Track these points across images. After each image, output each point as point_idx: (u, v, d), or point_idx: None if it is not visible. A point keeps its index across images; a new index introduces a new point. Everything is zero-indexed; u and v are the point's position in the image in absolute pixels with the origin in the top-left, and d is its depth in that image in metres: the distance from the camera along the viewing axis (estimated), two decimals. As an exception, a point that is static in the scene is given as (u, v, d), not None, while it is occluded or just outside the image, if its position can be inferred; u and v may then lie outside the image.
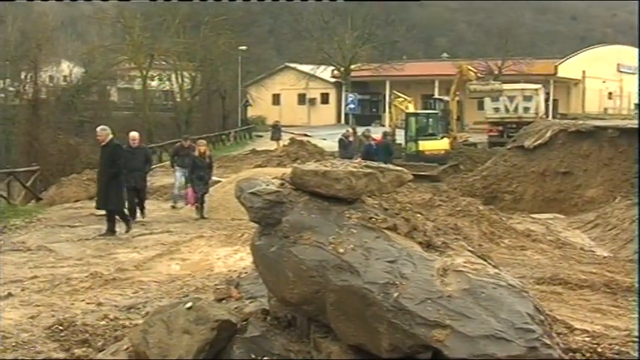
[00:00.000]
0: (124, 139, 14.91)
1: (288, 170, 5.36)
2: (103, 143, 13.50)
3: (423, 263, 4.37)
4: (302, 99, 66.16)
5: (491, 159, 27.31)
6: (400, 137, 31.91)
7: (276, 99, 66.72)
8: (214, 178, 18.50)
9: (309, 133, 49.39)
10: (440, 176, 27.90)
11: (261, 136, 51.44)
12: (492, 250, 11.77)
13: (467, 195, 20.04)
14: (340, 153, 23.97)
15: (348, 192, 4.84)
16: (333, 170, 4.91)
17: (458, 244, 4.92)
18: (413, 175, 5.82)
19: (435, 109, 36.19)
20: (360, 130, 32.03)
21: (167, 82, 58.27)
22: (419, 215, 5.08)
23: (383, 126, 53.34)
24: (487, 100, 39.71)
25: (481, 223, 13.94)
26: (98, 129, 13.85)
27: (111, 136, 13.58)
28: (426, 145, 30.22)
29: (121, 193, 13.37)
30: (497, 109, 39.30)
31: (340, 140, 25.29)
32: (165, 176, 26.66)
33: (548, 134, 24.25)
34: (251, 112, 62.22)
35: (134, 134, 16.22)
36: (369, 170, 4.97)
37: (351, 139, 25.16)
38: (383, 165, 5.24)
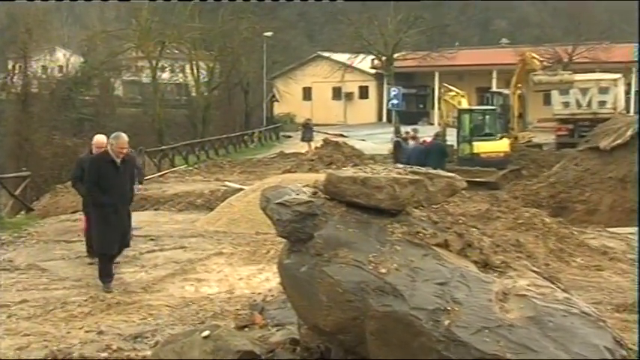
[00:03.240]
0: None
1: (321, 177, 5.38)
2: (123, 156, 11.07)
3: (480, 286, 4.35)
4: (337, 93, 66.18)
5: (560, 163, 27.00)
6: (451, 138, 31.74)
7: (307, 93, 66.85)
8: (233, 184, 18.60)
9: (345, 133, 49.39)
10: (499, 183, 27.65)
11: (289, 137, 51.54)
12: (562, 271, 11.67)
13: (531, 205, 19.86)
14: (396, 157, 24.14)
15: (391, 202, 4.84)
16: (373, 177, 4.91)
17: (520, 263, 4.89)
18: (467, 182, 5.80)
19: (492, 104, 35.96)
20: (405, 129, 31.97)
21: (180, 75, 58.84)
22: (474, 229, 5.06)
23: (431, 124, 53.17)
24: (555, 94, 39.34)
25: (548, 239, 13.81)
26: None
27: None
28: (482, 147, 29.99)
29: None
30: (566, 104, 38.95)
31: (397, 142, 25.55)
32: (180, 183, 26.92)
33: (629, 133, 23.89)
34: (278, 109, 62.48)
35: (98, 139, 12.32)
36: (416, 177, 4.97)
37: (411, 142, 25.44)
38: (432, 171, 5.24)
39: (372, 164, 6.20)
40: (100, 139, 12.18)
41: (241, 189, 19.94)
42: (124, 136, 10.81)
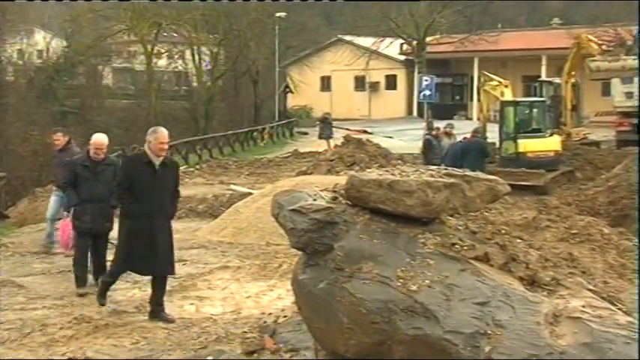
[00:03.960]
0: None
1: (342, 180, 5.40)
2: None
3: (526, 306, 4.35)
4: (360, 83, 66.24)
5: (622, 163, 26.83)
6: (493, 134, 31.64)
7: (325, 83, 66.96)
8: (240, 188, 18.62)
9: (369, 130, 49.36)
10: (548, 187, 27.54)
11: (305, 134, 51.59)
12: (623, 290, 11.60)
13: (586, 213, 19.77)
14: (426, 157, 24.10)
15: (422, 209, 4.85)
16: (402, 180, 4.93)
17: (574, 280, 4.89)
18: (510, 185, 5.81)
19: (541, 95, 35.84)
20: (438, 124, 31.90)
21: (179, 62, 59.02)
22: (519, 241, 5.07)
23: (469, 119, 53.07)
24: (616, 83, 39.09)
25: (607, 252, 13.77)
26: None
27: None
28: (529, 145, 29.84)
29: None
30: (629, 95, 38.65)
31: (427, 140, 25.56)
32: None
33: None
34: (292, 102, 62.56)
35: (98, 139, 12.07)
36: (452, 180, 4.98)
37: (445, 139, 25.37)
38: (470, 173, 5.24)
39: (401, 165, 6.22)
40: (100, 139, 11.89)
41: (250, 193, 19.98)
42: (164, 131, 10.23)
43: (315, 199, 5.12)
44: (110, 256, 11.15)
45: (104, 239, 11.88)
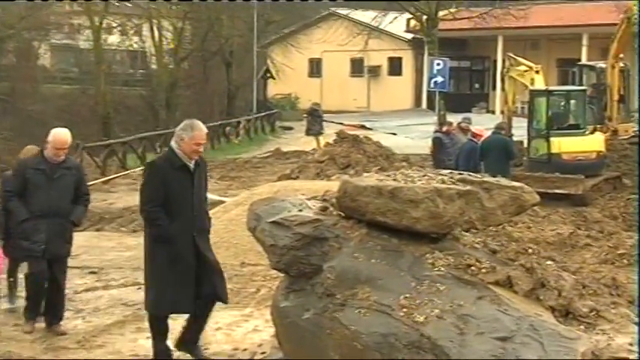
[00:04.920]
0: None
1: (334, 186, 5.42)
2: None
3: (557, 343, 4.37)
4: (358, 67, 66.30)
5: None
6: (520, 131, 31.67)
7: (315, 67, 67.01)
8: (209, 195, 18.50)
9: (368, 124, 49.42)
10: (588, 196, 27.52)
11: (289, 129, 51.68)
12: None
13: (635, 228, 19.87)
14: (436, 158, 24.04)
15: (431, 223, 4.87)
16: (407, 187, 4.95)
17: (618, 312, 4.92)
18: (541, 194, 5.84)
19: (581, 83, 35.85)
20: (453, 119, 31.89)
21: (135, 39, 58.88)
22: (550, 262, 5.10)
23: (491, 112, 53.12)
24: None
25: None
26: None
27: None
28: (565, 145, 29.82)
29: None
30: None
31: (437, 139, 25.51)
32: (133, 192, 26.94)
33: None
34: (274, 89, 62.53)
35: (60, 136, 11.53)
36: (467, 187, 5.00)
37: (460, 136, 25.27)
38: (489, 179, 5.27)
39: (406, 168, 6.24)
40: (62, 136, 11.25)
41: (221, 202, 19.99)
42: (203, 128, 9.66)
43: (300, 210, 5.14)
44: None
45: (62, 265, 11.38)
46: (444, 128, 26.72)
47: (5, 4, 51.88)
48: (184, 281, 9.18)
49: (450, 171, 5.76)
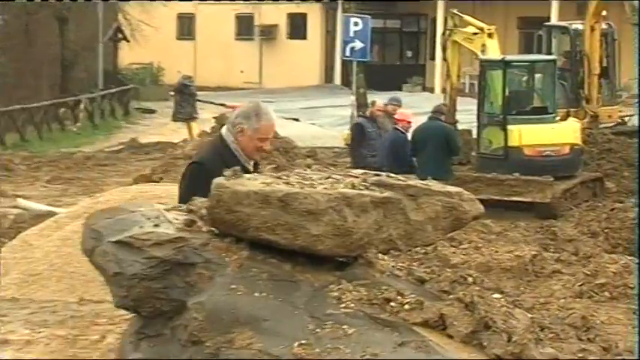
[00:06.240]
0: None
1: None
2: None
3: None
4: (246, 27, 66.46)
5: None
6: (466, 116, 32.00)
7: (185, 26, 67.00)
8: (34, 205, 18.47)
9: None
10: (559, 206, 27.86)
11: (151, 112, 51.69)
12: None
13: (622, 250, 20.12)
14: (355, 153, 24.26)
15: (336, 242, 4.88)
16: (304, 193, 4.96)
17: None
18: (496, 202, 5.91)
19: (549, 51, 36.24)
20: (378, 99, 32.02)
21: None
22: (497, 296, 5.16)
23: (429, 90, 53.56)
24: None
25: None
26: None
27: None
28: (528, 135, 30.05)
29: None
30: None
31: (357, 126, 25.57)
32: None
33: None
34: (129, 57, 62.21)
35: None
36: (386, 194, 5.02)
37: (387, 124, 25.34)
38: (417, 182, 5.31)
39: (308, 166, 6.21)
40: None
41: (51, 213, 19.88)
42: (270, 114, 9.76)
43: (156, 225, 5.13)
44: None
45: None
46: (368, 111, 26.68)
47: None
48: None
49: (364, 171, 5.76)
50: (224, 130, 9.59)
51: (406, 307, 4.88)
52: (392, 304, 4.89)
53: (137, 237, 5.02)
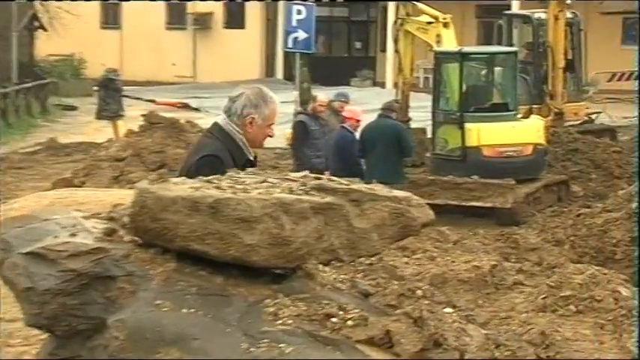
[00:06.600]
0: None
1: (128, 194, 5.42)
2: None
3: None
4: (177, 15, 66.47)
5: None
6: (420, 114, 32.09)
7: (111, 14, 66.93)
8: None
9: (194, 103, 49.52)
10: (521, 211, 28.04)
11: (72, 108, 51.54)
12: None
13: (590, 260, 20.23)
14: (298, 153, 24.34)
15: (273, 252, 4.88)
16: (236, 198, 4.95)
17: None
18: (453, 207, 5.91)
19: (510, 42, 36.46)
20: (321, 94, 32.07)
21: None
22: (449, 310, 5.16)
23: (380, 85, 53.65)
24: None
25: (625, 334, 14.06)
26: None
27: None
28: (487, 134, 30.23)
29: None
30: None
31: (299, 124, 25.51)
32: None
33: None
34: (47, 47, 62.00)
35: None
36: (327, 199, 5.01)
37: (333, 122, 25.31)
38: (361, 187, 5.30)
39: (242, 170, 6.19)
40: None
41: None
42: (274, 97, 10.06)
43: (73, 234, 5.10)
44: None
45: None
46: (310, 107, 26.65)
47: None
48: None
49: (303, 174, 5.75)
50: (222, 121, 9.89)
51: (349, 323, 4.87)
52: (333, 320, 4.88)
53: (51, 248, 4.99)
